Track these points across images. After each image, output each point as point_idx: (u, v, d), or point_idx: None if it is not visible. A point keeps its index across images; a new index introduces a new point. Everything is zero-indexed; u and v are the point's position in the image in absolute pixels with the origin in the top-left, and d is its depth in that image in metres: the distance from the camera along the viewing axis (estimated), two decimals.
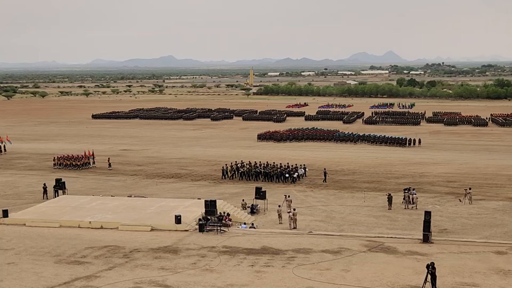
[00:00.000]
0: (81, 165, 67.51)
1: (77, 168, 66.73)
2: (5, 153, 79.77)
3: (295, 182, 57.69)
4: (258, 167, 60.92)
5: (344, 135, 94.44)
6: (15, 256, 32.18)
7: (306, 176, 60.22)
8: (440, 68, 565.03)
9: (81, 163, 67.69)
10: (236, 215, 42.80)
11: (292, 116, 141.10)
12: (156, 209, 42.61)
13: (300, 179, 59.16)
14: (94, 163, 68.92)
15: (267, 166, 61.07)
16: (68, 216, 40.96)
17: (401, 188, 51.61)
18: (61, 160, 68.13)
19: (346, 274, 28.70)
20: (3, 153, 79.74)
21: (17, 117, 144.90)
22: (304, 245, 33.92)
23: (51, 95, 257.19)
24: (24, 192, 54.38)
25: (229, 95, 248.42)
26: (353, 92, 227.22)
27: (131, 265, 30.42)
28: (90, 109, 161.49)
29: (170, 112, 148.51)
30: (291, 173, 58.80)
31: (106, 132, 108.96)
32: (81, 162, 67.72)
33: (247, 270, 29.39)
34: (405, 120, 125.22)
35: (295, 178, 58.42)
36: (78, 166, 67.20)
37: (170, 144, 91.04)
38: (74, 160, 67.74)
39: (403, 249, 32.94)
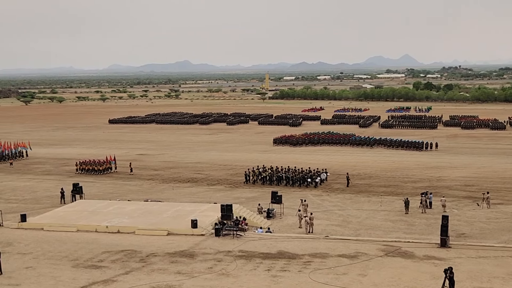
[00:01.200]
0: (103, 170, 67.82)
1: (99, 173, 67.06)
2: (27, 158, 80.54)
3: (318, 187, 57.33)
4: (280, 171, 60.80)
5: (361, 139, 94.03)
6: (33, 260, 32.43)
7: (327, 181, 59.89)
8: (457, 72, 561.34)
9: (103, 168, 68.00)
10: (252, 220, 42.81)
11: (308, 120, 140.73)
12: (172, 214, 42.73)
13: (322, 183, 58.81)
14: (115, 168, 69.27)
15: (289, 170, 60.92)
16: (85, 220, 41.22)
17: (418, 192, 51.29)
18: (83, 165, 68.52)
19: (363, 279, 28.53)
20: (25, 158, 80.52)
21: (35, 122, 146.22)
22: (320, 249, 33.80)
23: (69, 100, 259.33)
24: (42, 197, 54.83)
25: (244, 99, 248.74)
26: (369, 96, 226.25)
27: (147, 269, 30.51)
28: (107, 114, 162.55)
29: (186, 117, 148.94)
30: (314, 177, 58.52)
31: (123, 137, 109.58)
32: (103, 167, 68.04)
33: (264, 275, 29.34)
34: (422, 124, 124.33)
35: (317, 183, 58.08)
36: (100, 171, 67.51)
37: (186, 148, 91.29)
38: (96, 165, 68.10)
39: (420, 254, 32.69)
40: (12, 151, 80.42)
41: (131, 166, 68.65)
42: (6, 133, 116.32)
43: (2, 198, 52.09)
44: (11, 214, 45.25)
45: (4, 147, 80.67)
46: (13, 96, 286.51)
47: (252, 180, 60.29)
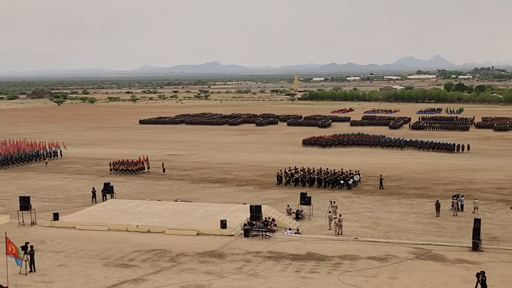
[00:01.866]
0: (136, 170, 68.48)
1: (132, 173, 67.76)
2: (61, 158, 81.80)
3: (351, 189, 56.94)
4: (312, 173, 60.63)
5: (391, 141, 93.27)
6: (66, 258, 32.93)
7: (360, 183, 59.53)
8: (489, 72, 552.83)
9: (136, 168, 68.67)
10: (281, 221, 42.81)
11: (337, 122, 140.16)
12: (201, 214, 42.96)
13: (356, 185, 58.39)
14: (148, 168, 69.92)
15: (321, 172, 60.71)
16: (116, 219, 41.69)
17: (449, 194, 50.69)
18: (117, 165, 69.32)
19: (393, 282, 28.31)
20: (59, 158, 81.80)
21: (67, 123, 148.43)
22: (350, 251, 33.63)
23: (100, 101, 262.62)
24: (74, 196, 55.65)
25: (273, 100, 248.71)
26: (400, 97, 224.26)
27: (177, 269, 30.74)
28: (137, 114, 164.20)
29: (215, 118, 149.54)
30: (347, 179, 58.16)
31: (153, 137, 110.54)
32: (136, 167, 68.71)
33: (293, 276, 29.31)
34: (453, 126, 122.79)
35: (351, 185, 57.67)
36: (133, 171, 68.20)
37: (215, 149, 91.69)
38: (129, 165, 68.82)
39: (451, 257, 32.28)
40: (47, 150, 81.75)
41: (163, 167, 69.20)
42: (39, 133, 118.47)
43: (36, 196, 52.97)
44: (44, 213, 46.06)
45: (40, 146, 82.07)
46: (46, 97, 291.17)
47: (285, 182, 60.19)
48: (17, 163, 76.05)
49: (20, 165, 75.45)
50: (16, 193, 54.41)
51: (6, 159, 75.06)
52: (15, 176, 67.57)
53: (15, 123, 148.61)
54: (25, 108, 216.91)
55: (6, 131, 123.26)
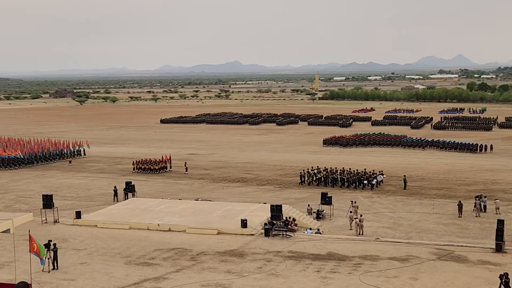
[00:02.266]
0: (159, 169, 68.81)
1: (155, 172, 68.10)
2: (84, 157, 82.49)
3: (374, 189, 56.51)
4: (335, 173, 60.37)
5: (412, 141, 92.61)
6: (87, 256, 33.23)
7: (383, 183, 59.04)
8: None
9: (159, 167, 68.99)
10: (302, 220, 42.74)
11: (358, 121, 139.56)
12: (222, 213, 43.06)
13: (379, 185, 57.95)
14: (170, 167, 70.21)
15: (343, 172, 60.42)
16: (138, 218, 41.95)
17: (472, 195, 50.21)
18: (140, 164, 69.74)
19: (414, 283, 28.09)
20: (83, 157, 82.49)
21: (89, 122, 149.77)
22: (371, 251, 33.45)
23: (121, 100, 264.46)
24: (95, 195, 56.12)
25: (294, 100, 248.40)
26: (421, 96, 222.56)
27: (198, 267, 30.84)
28: (158, 114, 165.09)
29: (236, 117, 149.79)
30: (370, 179, 57.81)
31: (174, 137, 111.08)
32: (158, 166, 69.03)
33: (313, 276, 29.24)
34: (476, 126, 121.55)
35: (374, 185, 57.24)
36: (156, 170, 68.54)
37: (236, 148, 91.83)
38: (152, 164, 69.17)
39: (474, 258, 31.95)
40: (71, 149, 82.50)
41: (186, 166, 69.49)
42: (62, 132, 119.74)
43: (59, 195, 53.52)
44: (66, 211, 46.55)
45: (63, 145, 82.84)
46: (69, 96, 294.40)
47: (308, 182, 60.05)
48: (41, 162, 76.86)
49: (44, 164, 76.25)
50: (39, 191, 55.12)
51: (30, 158, 75.89)
52: (38, 174, 68.37)
53: (38, 122, 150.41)
54: (48, 107, 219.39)
55: (29, 130, 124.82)
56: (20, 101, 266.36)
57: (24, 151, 76.79)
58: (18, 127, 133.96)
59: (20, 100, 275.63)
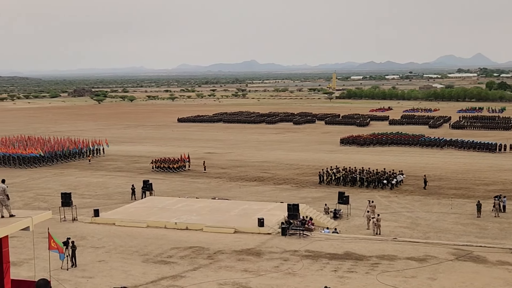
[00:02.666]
0: (178, 168, 69.04)
1: (173, 171, 68.33)
2: (103, 156, 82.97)
3: (393, 189, 56.09)
4: (354, 172, 60.12)
5: (430, 140, 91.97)
6: (105, 254, 33.48)
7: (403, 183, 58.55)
8: None
9: (178, 166, 69.22)
10: (319, 220, 42.69)
11: (375, 120, 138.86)
12: (239, 212, 43.13)
13: (399, 185, 57.52)
14: (189, 166, 70.44)
15: (363, 171, 60.08)
16: (155, 216, 42.17)
17: (491, 195, 49.77)
18: (159, 163, 70.03)
19: (432, 283, 27.92)
20: (102, 156, 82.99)
21: (107, 120, 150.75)
22: (388, 251, 33.31)
23: (139, 99, 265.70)
24: (113, 193, 56.49)
25: (311, 99, 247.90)
26: (440, 96, 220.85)
27: (215, 266, 30.93)
28: (175, 113, 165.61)
29: (252, 116, 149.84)
30: (390, 179, 57.40)
31: (191, 136, 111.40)
32: (177, 165, 69.28)
33: (330, 275, 29.18)
34: (495, 125, 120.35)
35: (394, 185, 56.79)
36: (174, 169, 68.79)
37: (252, 147, 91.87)
38: (171, 163, 69.41)
39: (493, 259, 31.68)
40: (90, 148, 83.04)
41: (205, 165, 69.63)
42: (80, 130, 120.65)
43: (77, 193, 53.95)
44: (85, 209, 46.90)
45: (83, 144, 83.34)
46: (87, 95, 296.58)
47: (327, 181, 59.84)
48: (61, 161, 77.42)
49: (64, 162, 76.82)
50: (58, 189, 55.63)
51: (50, 156, 76.49)
52: (57, 173, 68.97)
53: (56, 120, 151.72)
54: (67, 106, 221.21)
55: (48, 128, 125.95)
56: (39, 100, 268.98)
57: (44, 149, 77.41)
58: (37, 125, 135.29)
59: (39, 99, 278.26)
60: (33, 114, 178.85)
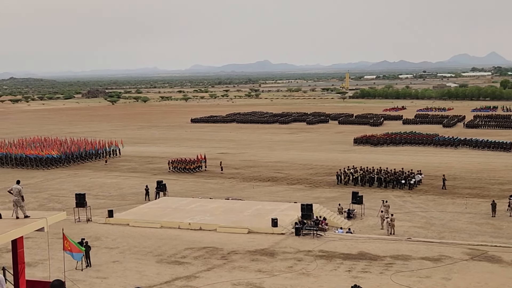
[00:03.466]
0: (194, 168, 69.07)
1: (190, 172, 68.36)
2: (119, 156, 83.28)
3: (412, 189, 55.57)
4: (372, 172, 59.73)
5: (444, 139, 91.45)
6: (120, 254, 33.63)
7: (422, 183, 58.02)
8: None
9: (194, 166, 69.24)
10: (333, 220, 42.61)
11: (389, 120, 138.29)
12: (252, 212, 43.14)
13: (417, 185, 56.92)
14: (205, 167, 70.51)
15: (381, 171, 59.62)
16: (169, 217, 42.28)
17: (506, 195, 49.38)
18: (175, 163, 70.10)
19: (447, 283, 27.77)
20: (118, 156, 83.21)
21: (121, 121, 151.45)
22: (402, 251, 33.17)
23: (152, 100, 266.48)
24: (127, 193, 56.75)
25: (324, 98, 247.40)
26: (453, 95, 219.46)
27: (229, 266, 30.97)
28: (189, 113, 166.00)
29: (266, 116, 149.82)
30: (408, 179, 56.90)
31: (205, 136, 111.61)
32: (194, 165, 69.29)
33: (344, 275, 29.12)
34: (510, 124, 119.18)
35: (412, 185, 56.24)
36: (191, 169, 68.80)
37: (266, 147, 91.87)
38: (187, 164, 69.43)
39: (508, 259, 31.43)
40: (107, 149, 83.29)
41: (221, 165, 69.62)
42: (94, 131, 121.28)
43: (91, 194, 54.27)
44: (99, 210, 47.17)
45: (100, 145, 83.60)
46: (101, 96, 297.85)
47: (344, 181, 59.61)
48: (78, 161, 77.66)
49: (80, 163, 77.05)
50: (72, 190, 55.96)
51: (67, 157, 76.75)
52: (71, 173, 69.41)
53: (71, 122, 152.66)
54: (81, 107, 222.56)
55: (62, 130, 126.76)
56: (53, 101, 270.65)
57: (61, 150, 77.69)
58: (51, 127, 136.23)
59: (53, 101, 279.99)
60: (47, 115, 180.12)
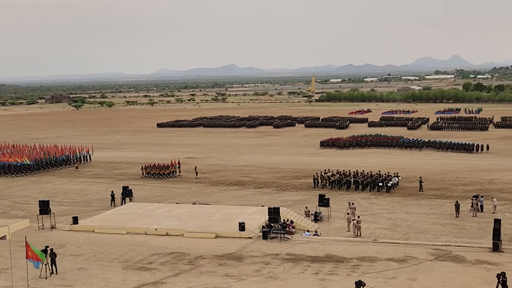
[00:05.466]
0: (168, 174, 68.32)
1: (164, 177, 67.60)
2: (90, 163, 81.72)
3: (390, 191, 55.76)
4: (348, 175, 59.66)
5: (409, 142, 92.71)
6: (85, 262, 33.15)
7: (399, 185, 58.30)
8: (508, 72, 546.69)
9: (168, 172, 68.52)
10: (300, 223, 42.73)
11: (355, 123, 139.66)
12: (220, 216, 43.01)
13: (395, 188, 57.26)
14: (179, 172, 69.89)
15: (357, 174, 59.69)
16: (135, 223, 41.88)
17: (469, 195, 50.22)
18: (149, 169, 69.25)
19: (412, 283, 28.11)
20: (89, 163, 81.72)
21: (85, 127, 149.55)
22: (369, 253, 33.47)
23: (118, 104, 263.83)
24: (92, 200, 56.04)
25: (291, 102, 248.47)
26: (418, 97, 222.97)
27: (196, 271, 30.80)
28: (155, 118, 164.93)
29: (233, 120, 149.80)
30: (385, 181, 57.25)
31: (171, 141, 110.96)
32: (168, 171, 68.56)
33: (312, 278, 29.24)
34: (472, 126, 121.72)
35: (390, 187, 56.49)
36: (165, 175, 68.04)
37: (233, 151, 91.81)
38: (161, 169, 68.67)
39: (471, 258, 31.99)
40: (77, 155, 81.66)
41: (196, 170, 69.00)
42: (58, 137, 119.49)
43: (55, 201, 53.44)
44: (63, 217, 46.43)
45: (70, 151, 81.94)
46: (65, 101, 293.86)
47: (321, 185, 59.62)
48: (48, 168, 76.00)
49: (50, 170, 75.45)
50: (36, 197, 54.98)
51: (37, 164, 75.01)
52: (34, 180, 68.22)
53: (34, 127, 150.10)
54: (44, 113, 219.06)
55: (26, 135, 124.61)
56: (15, 107, 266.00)
57: (30, 157, 75.98)
58: (14, 133, 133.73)
59: (16, 106, 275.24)
60: (10, 121, 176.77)
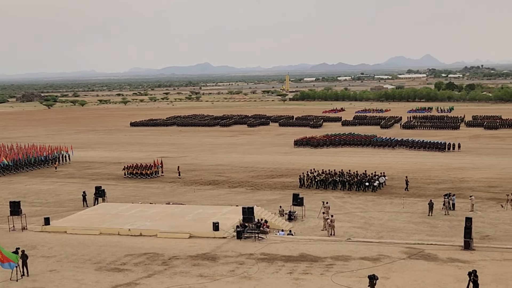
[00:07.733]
0: (150, 174, 67.57)
1: (146, 177, 66.81)
2: (69, 163, 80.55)
3: (376, 191, 55.74)
4: (334, 175, 59.48)
5: (382, 140, 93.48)
6: (57, 263, 32.71)
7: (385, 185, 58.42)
8: (479, 71, 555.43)
9: (150, 172, 67.77)
10: (274, 222, 42.76)
11: (328, 122, 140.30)
12: (194, 216, 42.83)
13: (381, 187, 57.34)
14: (162, 172, 69.27)
15: (343, 174, 59.47)
16: (108, 223, 41.47)
17: (441, 194, 50.82)
18: (131, 169, 68.40)
19: (385, 282, 28.32)
20: (68, 163, 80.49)
21: (57, 126, 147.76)
22: (342, 252, 33.64)
23: (90, 103, 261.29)
24: (65, 200, 55.36)
25: (265, 101, 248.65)
26: (390, 96, 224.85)
27: (170, 272, 30.63)
28: (128, 117, 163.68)
29: (207, 119, 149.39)
30: (372, 181, 57.26)
31: (145, 140, 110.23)
32: (150, 171, 67.83)
33: (286, 278, 29.28)
34: (444, 124, 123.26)
35: (376, 187, 56.47)
36: (147, 175, 67.26)
37: (207, 151, 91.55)
38: (143, 169, 67.86)
39: (443, 256, 32.37)
40: (56, 155, 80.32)
41: (179, 170, 68.44)
42: (30, 136, 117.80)
43: (26, 201, 52.67)
44: (35, 218, 45.75)
45: (48, 151, 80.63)
46: (36, 100, 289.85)
47: (307, 184, 59.39)
48: (26, 169, 74.57)
49: (29, 171, 74.10)
50: (6, 198, 54.11)
51: (15, 164, 73.54)
52: (5, 181, 67.16)
53: (4, 127, 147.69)
54: (15, 112, 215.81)
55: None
56: None
57: (8, 157, 74.46)
58: None
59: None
60: None
